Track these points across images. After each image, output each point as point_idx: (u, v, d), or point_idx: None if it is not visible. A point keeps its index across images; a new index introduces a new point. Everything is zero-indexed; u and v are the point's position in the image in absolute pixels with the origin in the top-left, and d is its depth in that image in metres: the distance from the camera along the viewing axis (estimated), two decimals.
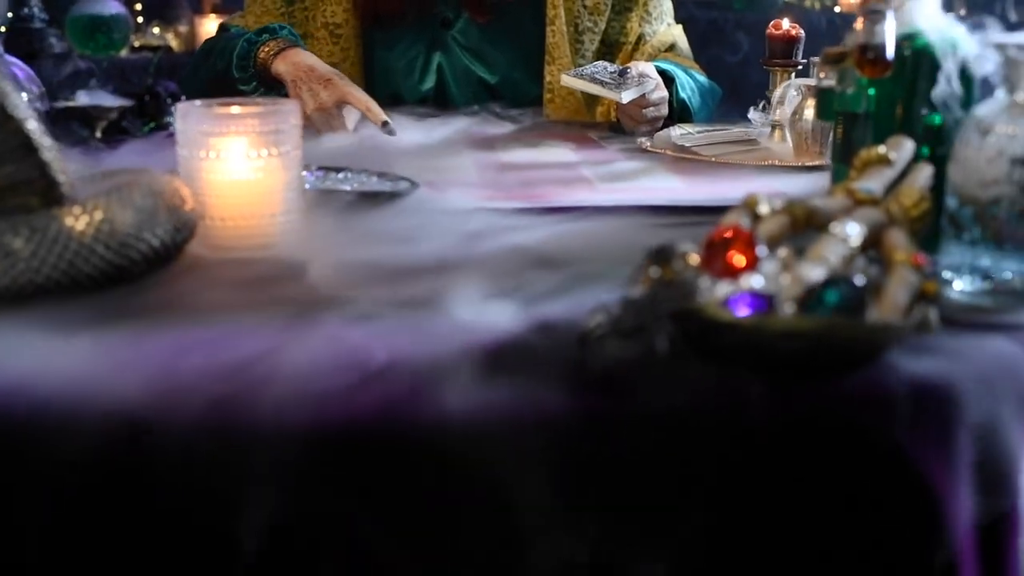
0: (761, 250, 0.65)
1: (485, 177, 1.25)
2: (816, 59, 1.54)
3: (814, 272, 0.63)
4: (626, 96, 1.54)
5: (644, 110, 1.62)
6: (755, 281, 0.62)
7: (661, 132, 1.50)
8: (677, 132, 1.47)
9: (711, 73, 2.19)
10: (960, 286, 0.79)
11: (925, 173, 0.81)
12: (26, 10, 3.20)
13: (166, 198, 0.81)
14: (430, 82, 1.91)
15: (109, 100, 3.05)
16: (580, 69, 1.62)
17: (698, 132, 1.47)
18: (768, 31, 1.45)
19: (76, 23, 3.32)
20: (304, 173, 1.03)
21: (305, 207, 0.94)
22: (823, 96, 0.92)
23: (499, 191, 1.17)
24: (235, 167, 0.88)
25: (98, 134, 3.08)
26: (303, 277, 0.82)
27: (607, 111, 1.81)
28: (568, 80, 1.58)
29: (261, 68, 1.66)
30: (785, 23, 1.45)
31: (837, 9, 3.78)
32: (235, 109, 0.91)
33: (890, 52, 0.84)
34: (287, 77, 1.62)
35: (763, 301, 0.61)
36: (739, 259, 0.63)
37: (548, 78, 1.88)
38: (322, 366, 0.64)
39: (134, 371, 0.64)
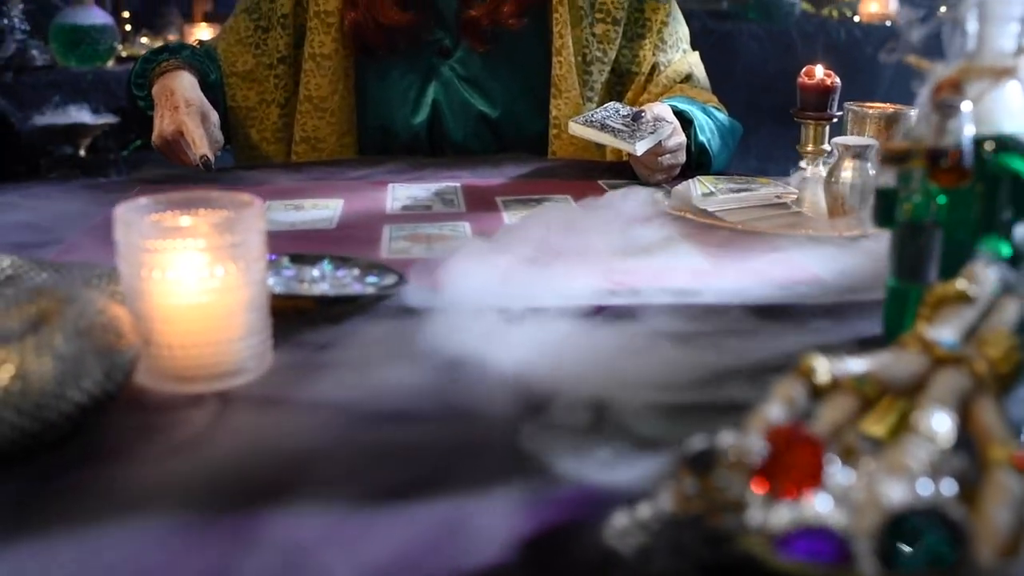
0: (828, 457, 0.51)
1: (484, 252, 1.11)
2: (853, 107, 1.40)
3: (895, 492, 0.49)
4: (641, 147, 1.40)
5: (660, 158, 1.48)
6: (820, 505, 0.49)
7: (680, 187, 1.36)
8: (698, 191, 1.32)
9: (725, 86, 2.06)
10: None
11: (1011, 311, 0.67)
12: (6, 21, 3.05)
13: (96, 337, 0.68)
14: (424, 115, 1.78)
15: (92, 116, 2.92)
16: (590, 114, 1.48)
17: (721, 192, 1.33)
18: (800, 80, 1.31)
19: (60, 33, 3.19)
20: (270, 277, 0.89)
21: (272, 321, 0.80)
22: (882, 199, 0.77)
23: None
24: (187, 288, 0.74)
25: (81, 152, 2.94)
26: (259, 440, 0.68)
27: (618, 150, 1.67)
28: (577, 128, 1.44)
29: (151, 88, 1.63)
30: (819, 71, 1.31)
31: (857, 19, 3.63)
32: (186, 220, 0.76)
33: (968, 158, 0.70)
34: (154, 99, 1.60)
35: (828, 541, 0.47)
36: (799, 476, 0.49)
37: (554, 112, 1.75)
38: None
39: None
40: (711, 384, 0.76)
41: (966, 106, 0.73)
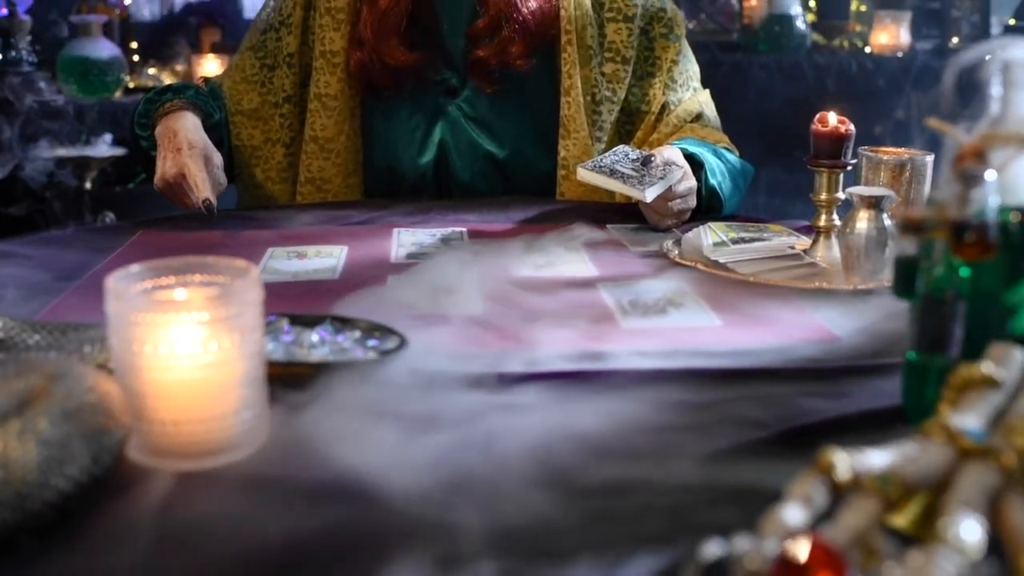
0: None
1: (491, 312, 1.08)
2: (867, 152, 1.37)
3: None
4: (651, 194, 1.37)
5: (670, 203, 1.46)
6: None
7: (691, 235, 1.33)
8: (709, 240, 1.29)
9: (735, 118, 2.04)
10: None
11: None
12: (13, 53, 3.04)
13: (85, 420, 0.65)
14: (431, 155, 1.75)
15: (99, 149, 2.91)
16: (599, 158, 1.45)
17: (732, 241, 1.30)
18: (813, 127, 1.28)
19: (68, 65, 3.18)
20: (268, 341, 0.86)
21: (269, 390, 0.78)
22: (902, 269, 0.74)
23: (507, 337, 1.00)
24: (180, 363, 0.71)
25: (87, 185, 2.93)
26: (253, 525, 0.65)
27: None
28: (585, 174, 1.41)
29: (154, 128, 1.60)
30: (832, 118, 1.28)
31: (868, 50, 3.61)
32: (179, 293, 0.74)
33: (993, 231, 0.68)
34: (157, 140, 1.57)
35: None
36: None
37: (562, 153, 1.72)
38: None
39: None
40: (720, 463, 0.73)
41: (990, 175, 0.70)
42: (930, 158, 1.36)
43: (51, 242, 1.42)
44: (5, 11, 3.06)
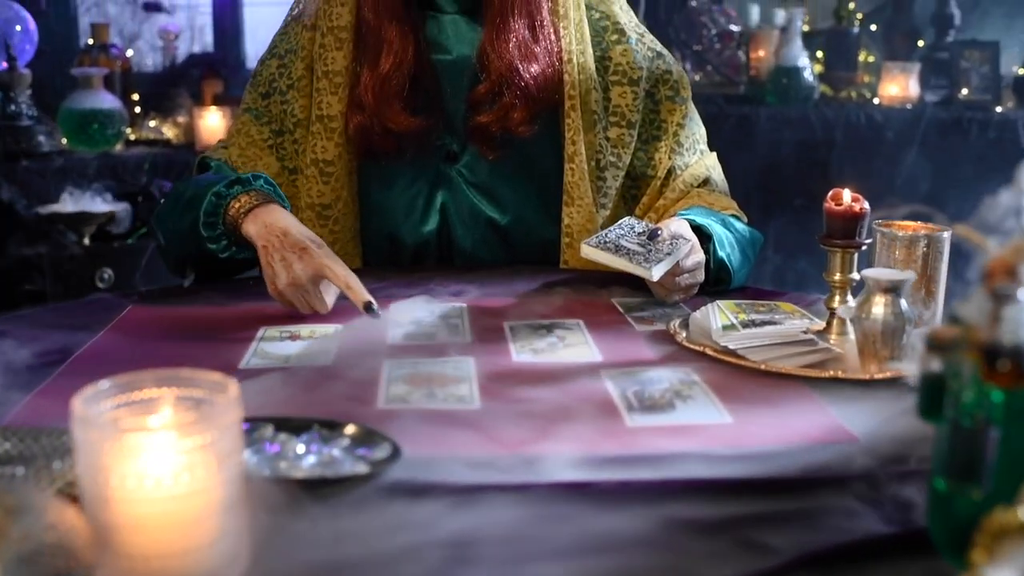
0: None
1: (489, 409, 1.03)
2: (882, 228, 1.32)
3: None
4: (657, 272, 1.33)
5: (678, 278, 1.41)
6: None
7: (699, 316, 1.28)
8: (718, 323, 1.24)
9: (742, 171, 2.00)
10: None
11: None
12: (13, 107, 3.01)
13: (45, 563, 0.60)
14: (433, 223, 1.70)
15: (98, 204, 2.88)
16: (603, 233, 1.41)
17: (742, 324, 1.25)
18: (826, 205, 1.23)
19: (68, 117, 3.16)
20: (251, 454, 0.81)
21: (247, 513, 0.72)
22: (929, 389, 0.69)
23: (506, 442, 0.95)
24: (153, 494, 0.66)
25: (85, 241, 2.90)
26: None
27: None
28: (589, 251, 1.37)
29: (231, 227, 1.45)
30: (846, 195, 1.23)
31: (876, 101, 3.57)
32: (152, 419, 0.69)
33: None
34: (257, 241, 1.40)
35: None
36: None
37: (566, 220, 1.68)
38: None
39: None
40: None
41: (1023, 293, 0.65)
42: (947, 234, 1.31)
43: (36, 320, 1.37)
44: (5, 65, 3.04)
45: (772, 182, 3.24)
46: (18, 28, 3.08)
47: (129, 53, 3.74)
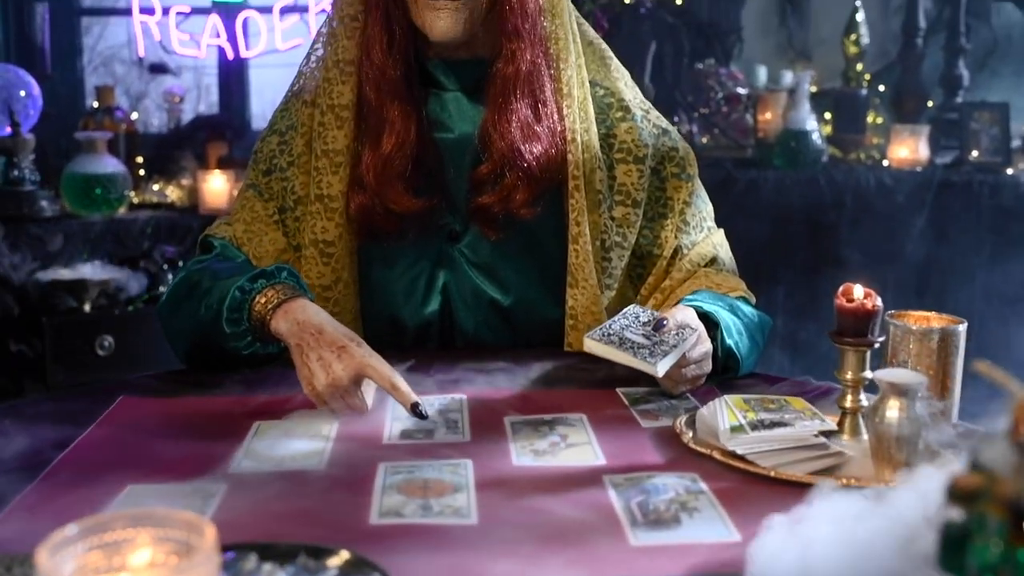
0: None
1: (486, 523, 0.99)
2: (895, 321, 1.28)
3: None
4: (662, 367, 1.29)
5: (684, 370, 1.38)
6: None
7: (706, 413, 1.24)
8: (726, 424, 1.20)
9: (750, 236, 1.96)
10: None
11: None
12: (16, 172, 3.00)
13: None
14: (435, 304, 1.66)
15: (99, 270, 2.85)
16: (607, 325, 1.37)
17: (751, 424, 1.20)
18: (837, 301, 1.19)
19: (72, 182, 3.15)
20: None
21: None
22: (950, 541, 0.65)
23: (503, 559, 0.91)
24: None
25: (86, 307, 2.87)
26: None
27: None
28: (592, 346, 1.33)
29: (257, 323, 1.41)
30: (858, 290, 1.19)
31: (886, 163, 3.54)
32: (126, 562, 0.65)
33: None
34: (290, 340, 1.35)
35: None
36: None
37: (570, 302, 1.64)
38: None
39: None
40: None
41: None
42: (963, 327, 1.27)
43: (21, 413, 1.33)
44: (8, 130, 3.02)
45: (781, 246, 3.21)
46: (22, 93, 3.07)
47: (134, 115, 3.74)
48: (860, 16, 3.89)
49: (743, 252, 1.78)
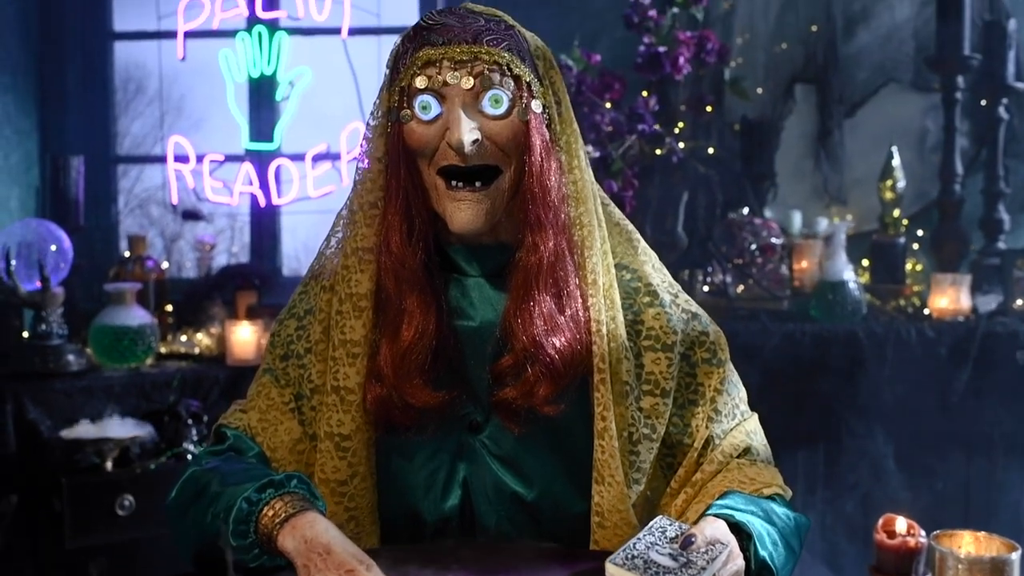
0: None
1: None
2: (940, 547, 1.18)
3: None
4: None
5: None
6: None
7: None
8: None
9: (787, 393, 1.86)
10: None
11: None
12: (44, 326, 2.99)
13: None
14: (454, 498, 1.59)
15: (122, 428, 2.81)
16: (632, 543, 1.29)
17: None
18: (876, 536, 1.11)
19: (100, 334, 3.14)
20: None
21: None
22: None
23: None
24: None
25: (108, 466, 2.82)
26: None
27: None
28: (615, 572, 1.25)
29: (264, 537, 1.35)
30: (900, 524, 1.11)
31: (927, 311, 3.45)
32: None
33: None
34: (297, 560, 1.30)
35: None
36: None
37: (596, 499, 1.56)
38: None
39: None
40: None
41: None
42: (1016, 555, 1.18)
43: None
44: (38, 284, 3.02)
45: (816, 406, 3.10)
46: (53, 248, 3.08)
47: (164, 265, 3.74)
48: (896, 161, 3.84)
49: (781, 411, 1.69)
